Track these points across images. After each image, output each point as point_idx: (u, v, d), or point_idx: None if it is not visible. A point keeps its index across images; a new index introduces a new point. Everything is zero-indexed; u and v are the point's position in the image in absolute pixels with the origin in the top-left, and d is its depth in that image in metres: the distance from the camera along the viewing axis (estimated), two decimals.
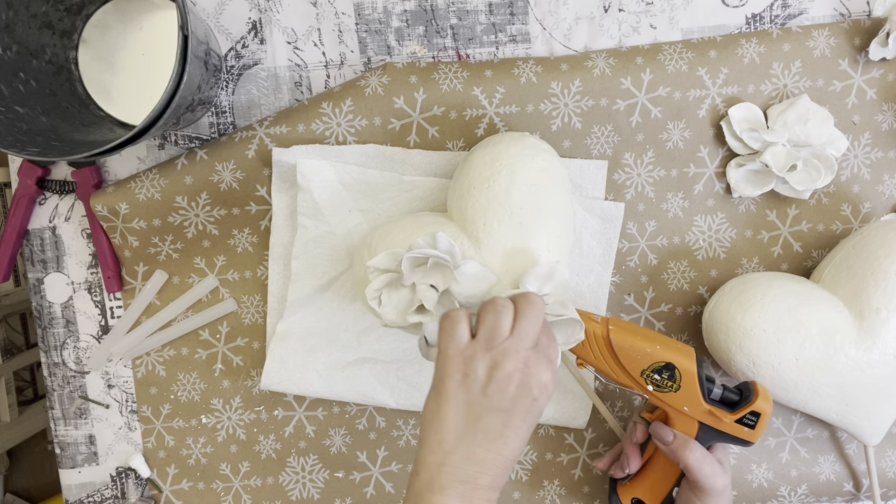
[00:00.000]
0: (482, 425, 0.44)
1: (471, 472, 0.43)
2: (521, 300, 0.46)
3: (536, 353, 0.45)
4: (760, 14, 0.60)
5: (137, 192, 0.58)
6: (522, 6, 0.59)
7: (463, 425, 0.44)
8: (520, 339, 0.45)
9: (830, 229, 0.62)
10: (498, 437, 0.44)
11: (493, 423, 0.44)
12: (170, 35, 0.58)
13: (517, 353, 0.44)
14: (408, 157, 0.58)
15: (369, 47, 0.60)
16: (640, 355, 0.52)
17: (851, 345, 0.54)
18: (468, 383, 0.44)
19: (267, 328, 0.62)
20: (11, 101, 0.52)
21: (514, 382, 0.44)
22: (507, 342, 0.44)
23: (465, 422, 0.44)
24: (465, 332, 0.45)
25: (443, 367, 0.45)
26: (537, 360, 0.45)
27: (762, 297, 0.55)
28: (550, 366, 0.46)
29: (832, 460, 0.65)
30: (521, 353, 0.44)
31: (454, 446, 0.43)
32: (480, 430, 0.44)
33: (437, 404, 0.45)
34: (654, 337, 0.54)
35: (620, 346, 0.53)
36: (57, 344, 0.63)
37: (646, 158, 0.60)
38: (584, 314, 0.53)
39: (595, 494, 0.65)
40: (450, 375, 0.44)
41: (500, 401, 0.44)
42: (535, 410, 0.45)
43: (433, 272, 0.49)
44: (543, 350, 0.46)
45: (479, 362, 0.44)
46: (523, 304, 0.46)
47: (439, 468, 0.43)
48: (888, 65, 0.60)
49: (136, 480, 0.65)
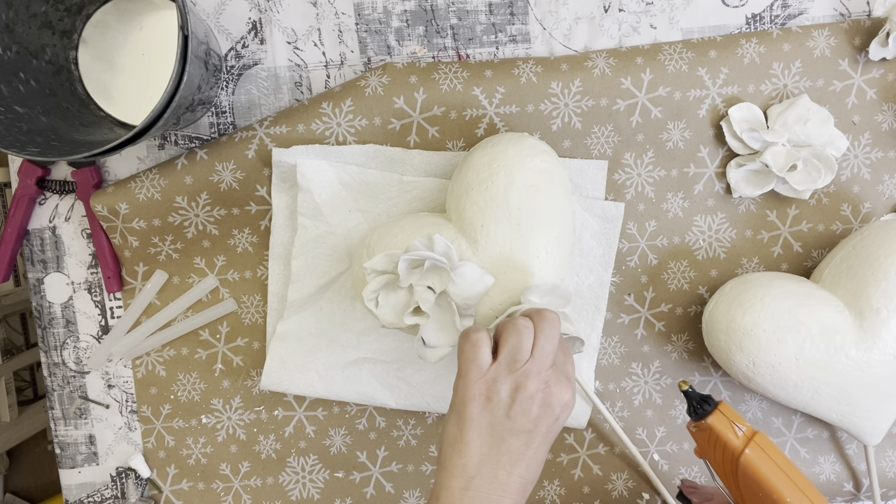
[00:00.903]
0: (505, 447, 0.44)
1: (493, 496, 0.43)
2: (539, 319, 0.46)
3: (556, 372, 0.45)
4: (760, 14, 0.60)
5: (137, 192, 0.58)
6: (522, 6, 0.59)
7: (486, 448, 0.44)
8: (540, 359, 0.45)
9: (830, 229, 0.62)
10: (520, 459, 0.44)
11: (515, 445, 0.44)
12: (170, 35, 0.58)
13: (539, 373, 0.44)
14: (408, 158, 0.58)
15: (369, 47, 0.60)
16: (766, 498, 0.46)
17: (851, 345, 0.54)
18: (491, 406, 0.44)
19: (267, 328, 0.62)
20: (11, 101, 0.52)
21: (536, 403, 0.44)
22: (529, 363, 0.44)
23: (488, 445, 0.44)
24: (487, 355, 0.45)
25: (464, 391, 0.45)
26: (557, 379, 0.45)
27: (762, 297, 0.55)
28: (570, 384, 0.46)
29: (832, 460, 0.65)
30: (543, 373, 0.45)
31: (478, 470, 0.43)
32: (504, 452, 0.44)
33: (458, 428, 0.44)
34: (792, 481, 0.46)
35: (746, 476, 0.46)
36: (57, 344, 0.63)
37: (646, 158, 0.60)
38: (730, 414, 0.47)
39: (595, 494, 0.65)
40: (472, 399, 0.44)
41: (524, 422, 0.44)
42: (556, 429, 0.45)
43: (430, 274, 0.49)
44: (561, 367, 0.46)
45: (501, 385, 0.44)
46: (541, 322, 0.46)
47: (462, 493, 0.43)
48: (888, 65, 0.60)
49: (136, 480, 0.65)
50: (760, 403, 0.64)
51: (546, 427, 0.44)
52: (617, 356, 0.63)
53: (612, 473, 0.65)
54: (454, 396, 0.46)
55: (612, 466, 0.65)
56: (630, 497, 0.65)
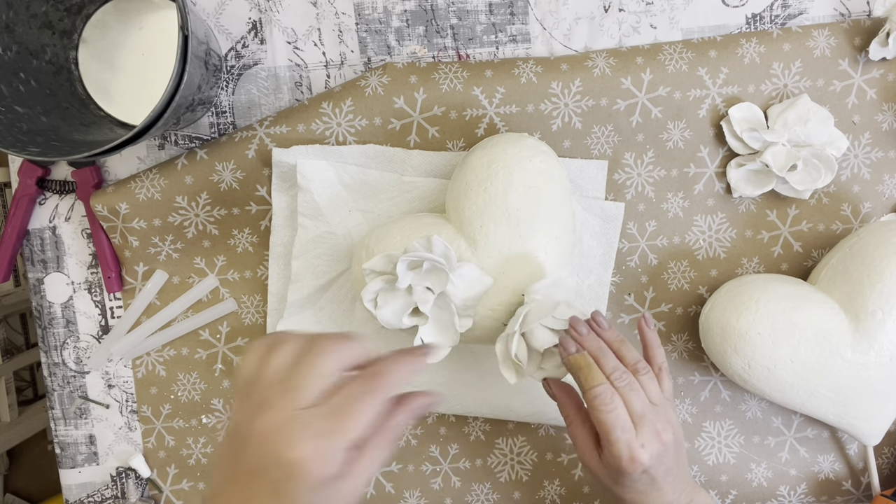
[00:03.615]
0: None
1: None
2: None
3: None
4: (760, 14, 0.60)
5: (137, 192, 0.58)
6: (522, 6, 0.59)
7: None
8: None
9: (830, 229, 0.62)
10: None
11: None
12: (170, 35, 0.58)
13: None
14: (408, 158, 0.58)
15: (369, 47, 0.60)
16: None
17: (847, 347, 0.54)
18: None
19: (267, 328, 0.62)
20: (11, 101, 0.52)
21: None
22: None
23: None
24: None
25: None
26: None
27: (757, 300, 0.55)
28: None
29: (832, 460, 0.65)
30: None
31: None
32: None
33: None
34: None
35: None
36: (57, 344, 0.63)
37: (646, 158, 0.60)
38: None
39: (595, 494, 0.65)
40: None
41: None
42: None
43: (429, 275, 0.49)
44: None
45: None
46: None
47: None
48: (888, 65, 0.60)
49: (136, 480, 0.65)
50: (760, 403, 0.64)
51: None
52: None
53: None
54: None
55: None
56: None
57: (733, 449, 0.65)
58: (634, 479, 0.45)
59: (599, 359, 0.46)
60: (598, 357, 0.47)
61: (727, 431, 0.65)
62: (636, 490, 0.46)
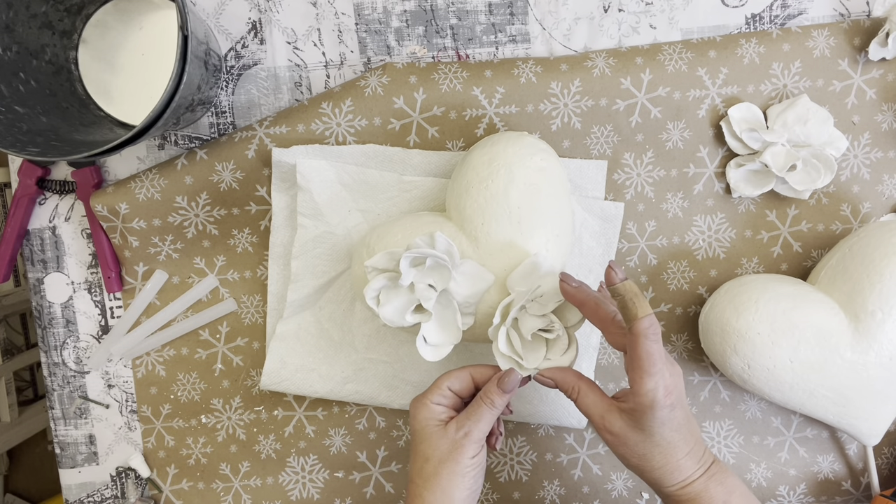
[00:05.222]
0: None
1: None
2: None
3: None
4: (760, 14, 0.60)
5: (137, 192, 0.58)
6: (522, 6, 0.59)
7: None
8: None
9: (830, 229, 0.62)
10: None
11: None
12: (170, 35, 0.58)
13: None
14: (407, 157, 0.58)
15: (369, 47, 0.60)
16: None
17: (847, 347, 0.54)
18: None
19: (267, 328, 0.62)
20: (11, 101, 0.52)
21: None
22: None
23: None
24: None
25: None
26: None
27: (756, 300, 0.55)
28: None
29: (831, 460, 0.65)
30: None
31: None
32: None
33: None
34: None
35: None
36: (57, 344, 0.63)
37: (645, 158, 0.60)
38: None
39: (595, 494, 0.65)
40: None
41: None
42: None
43: (431, 272, 0.49)
44: None
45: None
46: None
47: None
48: (888, 65, 0.60)
49: (136, 480, 0.65)
50: (759, 403, 0.64)
51: None
52: (617, 356, 0.63)
53: (612, 473, 0.65)
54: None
55: (611, 466, 0.65)
56: (629, 497, 0.66)
57: (733, 449, 0.65)
58: (665, 415, 0.45)
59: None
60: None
61: (727, 431, 0.65)
62: (671, 426, 0.45)
